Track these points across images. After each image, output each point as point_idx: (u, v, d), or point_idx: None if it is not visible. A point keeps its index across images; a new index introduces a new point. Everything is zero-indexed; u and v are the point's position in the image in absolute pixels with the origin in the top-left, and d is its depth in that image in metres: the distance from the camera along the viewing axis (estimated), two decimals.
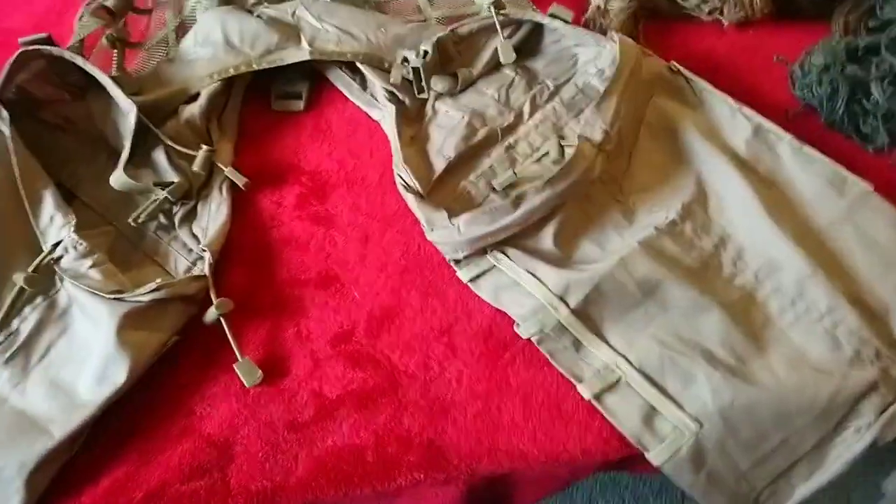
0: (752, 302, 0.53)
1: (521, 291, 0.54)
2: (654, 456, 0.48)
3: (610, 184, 0.61)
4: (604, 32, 0.71)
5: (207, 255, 0.58)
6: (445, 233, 0.56)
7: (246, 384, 0.52)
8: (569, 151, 0.58)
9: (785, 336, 0.51)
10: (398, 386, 0.53)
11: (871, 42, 0.65)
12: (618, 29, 0.71)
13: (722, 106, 0.62)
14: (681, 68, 0.65)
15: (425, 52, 0.66)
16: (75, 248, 0.58)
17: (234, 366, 0.53)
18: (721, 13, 0.74)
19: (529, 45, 0.72)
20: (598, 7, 0.72)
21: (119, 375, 0.51)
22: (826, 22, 0.73)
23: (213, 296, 0.56)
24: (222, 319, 0.54)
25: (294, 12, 0.71)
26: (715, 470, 0.47)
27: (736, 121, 0.61)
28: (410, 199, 0.59)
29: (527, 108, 0.67)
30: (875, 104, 0.62)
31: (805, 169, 0.58)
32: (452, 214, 0.59)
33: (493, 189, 0.62)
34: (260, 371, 0.53)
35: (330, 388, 0.53)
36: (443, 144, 0.65)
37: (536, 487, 0.58)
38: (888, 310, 0.50)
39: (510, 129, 0.66)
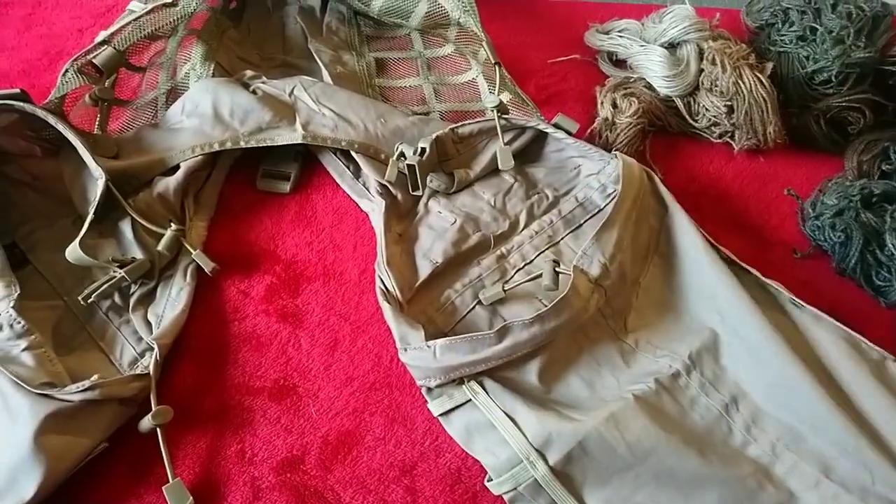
0: (768, 478, 0.47)
1: (497, 437, 0.48)
2: None
3: (612, 319, 0.56)
4: (609, 147, 0.68)
5: (155, 352, 0.52)
6: (419, 356, 0.51)
7: None
8: (563, 279, 0.54)
9: None
10: None
11: (886, 189, 0.62)
12: (624, 143, 0.68)
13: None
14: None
15: (423, 150, 0.63)
16: (11, 325, 0.53)
17: (164, 488, 0.46)
18: (732, 137, 0.71)
19: (531, 150, 0.69)
20: (606, 119, 0.69)
21: (27, 488, 0.45)
22: (838, 157, 0.71)
23: (153, 402, 0.49)
24: (158, 431, 0.48)
25: (292, 91, 0.68)
26: None
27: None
28: (387, 310, 0.53)
29: (523, 217, 0.63)
30: (889, 256, 0.59)
31: (817, 325, 0.53)
32: (432, 329, 0.54)
33: (480, 302, 0.58)
34: (191, 497, 0.46)
35: None
36: (431, 248, 0.60)
37: None
38: None
39: (503, 237, 0.62)
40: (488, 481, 0.47)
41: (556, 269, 0.55)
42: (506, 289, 0.57)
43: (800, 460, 0.47)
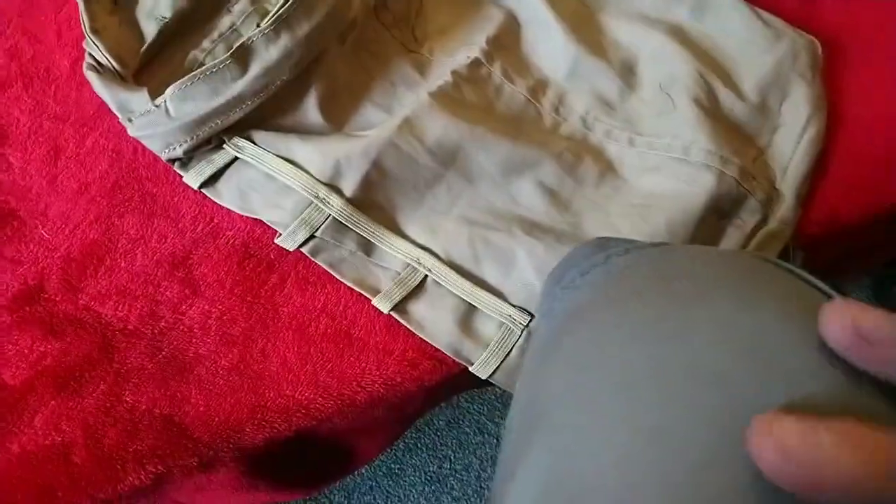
0: (585, 148, 0.41)
1: (277, 186, 0.39)
2: (480, 367, 0.36)
3: (396, 28, 0.46)
4: None
5: None
6: (150, 120, 0.38)
7: None
8: None
9: (628, 185, 0.40)
10: (114, 350, 0.36)
11: None
12: None
13: None
14: None
15: None
16: None
17: None
18: None
19: None
20: None
21: None
22: None
23: None
24: None
25: None
26: None
27: None
28: (95, 80, 0.39)
29: None
30: None
31: None
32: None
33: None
34: None
35: (13, 371, 0.36)
36: (156, 3, 0.45)
37: (367, 438, 0.45)
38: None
39: None
40: (279, 238, 0.38)
41: None
42: (261, 25, 0.44)
43: (612, 127, 0.42)
